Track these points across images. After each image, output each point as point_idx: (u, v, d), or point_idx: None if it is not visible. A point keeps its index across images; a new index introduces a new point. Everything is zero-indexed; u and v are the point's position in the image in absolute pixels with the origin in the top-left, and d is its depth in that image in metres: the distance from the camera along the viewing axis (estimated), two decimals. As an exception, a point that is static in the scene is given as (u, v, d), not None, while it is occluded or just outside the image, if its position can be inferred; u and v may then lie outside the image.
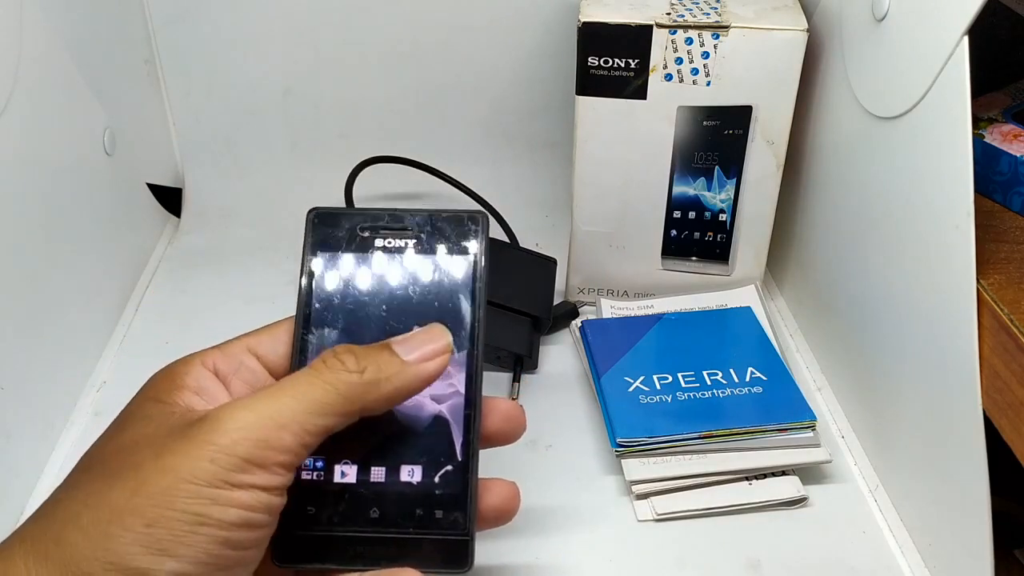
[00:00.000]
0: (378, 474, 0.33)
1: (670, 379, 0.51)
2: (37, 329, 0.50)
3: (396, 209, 0.36)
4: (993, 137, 0.44)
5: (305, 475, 0.33)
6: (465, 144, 0.72)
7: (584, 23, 0.51)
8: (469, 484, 0.33)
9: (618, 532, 0.46)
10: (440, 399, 0.34)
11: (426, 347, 0.33)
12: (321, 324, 0.35)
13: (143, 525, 0.27)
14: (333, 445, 0.32)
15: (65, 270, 0.54)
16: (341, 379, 0.31)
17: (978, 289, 0.37)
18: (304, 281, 0.35)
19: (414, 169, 0.68)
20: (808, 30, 0.51)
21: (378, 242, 0.36)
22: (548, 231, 0.68)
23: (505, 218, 0.65)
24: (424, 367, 0.32)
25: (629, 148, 0.55)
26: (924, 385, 0.43)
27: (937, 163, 0.40)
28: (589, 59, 0.53)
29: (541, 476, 0.49)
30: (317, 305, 0.35)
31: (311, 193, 0.72)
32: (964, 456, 0.39)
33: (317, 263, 0.36)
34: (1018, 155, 0.43)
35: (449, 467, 0.34)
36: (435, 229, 0.36)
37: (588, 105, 0.54)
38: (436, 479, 0.33)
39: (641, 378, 0.51)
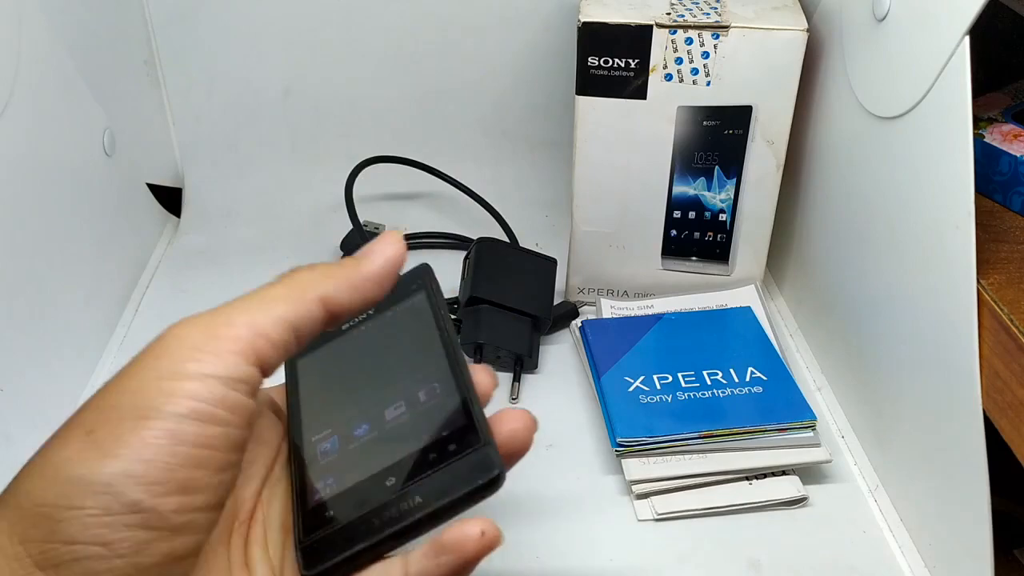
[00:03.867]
0: (385, 455, 0.32)
1: (670, 379, 0.51)
2: (37, 329, 0.50)
3: None
4: (993, 137, 0.45)
5: (318, 496, 0.32)
6: (465, 144, 0.72)
7: (584, 23, 0.52)
8: (473, 408, 0.32)
9: (618, 532, 0.46)
10: (432, 381, 0.34)
11: (380, 243, 0.32)
12: (311, 391, 0.36)
13: (84, 433, 0.26)
14: (341, 462, 0.32)
15: (65, 270, 0.54)
16: (294, 276, 0.30)
17: (978, 289, 0.37)
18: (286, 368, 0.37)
19: (414, 169, 0.68)
20: (808, 30, 0.51)
21: (345, 326, 0.37)
22: (548, 231, 0.68)
23: (505, 218, 0.65)
24: (383, 248, 0.31)
25: (629, 148, 0.55)
26: (924, 385, 0.43)
27: (937, 163, 0.40)
28: (589, 59, 0.53)
29: (541, 476, 0.49)
30: (303, 378, 0.37)
31: (311, 193, 0.72)
32: (964, 456, 0.39)
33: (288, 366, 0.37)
34: (1018, 155, 0.43)
35: (452, 414, 0.32)
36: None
37: (588, 105, 0.54)
38: (441, 429, 0.32)
39: (641, 378, 0.51)
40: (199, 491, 0.27)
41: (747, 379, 0.51)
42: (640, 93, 0.53)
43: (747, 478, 0.48)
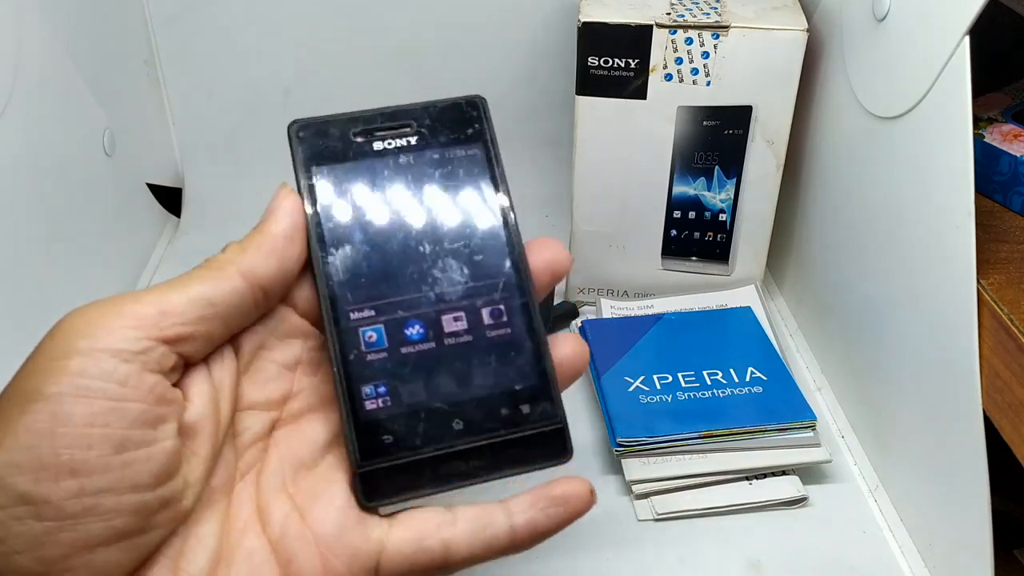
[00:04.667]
0: (448, 384, 0.31)
1: (670, 379, 0.51)
2: (37, 330, 0.50)
3: (387, 107, 0.33)
4: (993, 137, 0.45)
5: (369, 404, 0.30)
6: (465, 144, 0.72)
7: (584, 23, 0.52)
8: (547, 369, 0.31)
9: (618, 532, 0.46)
10: (493, 292, 0.32)
11: (276, 200, 0.31)
12: (342, 242, 0.31)
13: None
14: (392, 367, 0.30)
15: (65, 270, 0.54)
16: (216, 256, 0.30)
17: (978, 289, 0.37)
18: (306, 202, 0.31)
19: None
20: (808, 30, 0.51)
21: (378, 145, 0.32)
22: (548, 231, 0.68)
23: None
24: (280, 203, 0.31)
25: (629, 148, 0.55)
26: (924, 385, 0.43)
27: (937, 163, 0.40)
28: (589, 59, 0.53)
29: (541, 476, 0.49)
30: (330, 224, 0.31)
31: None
32: (964, 456, 0.39)
33: (317, 179, 0.32)
34: (1018, 155, 0.43)
35: (521, 358, 0.31)
36: (435, 121, 0.33)
37: (588, 105, 0.54)
38: (512, 374, 0.31)
39: (641, 378, 0.51)
40: (95, 473, 0.25)
41: (747, 379, 0.51)
42: (640, 93, 0.53)
43: (747, 478, 0.48)
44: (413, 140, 0.32)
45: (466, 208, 0.32)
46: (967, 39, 0.37)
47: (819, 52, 0.53)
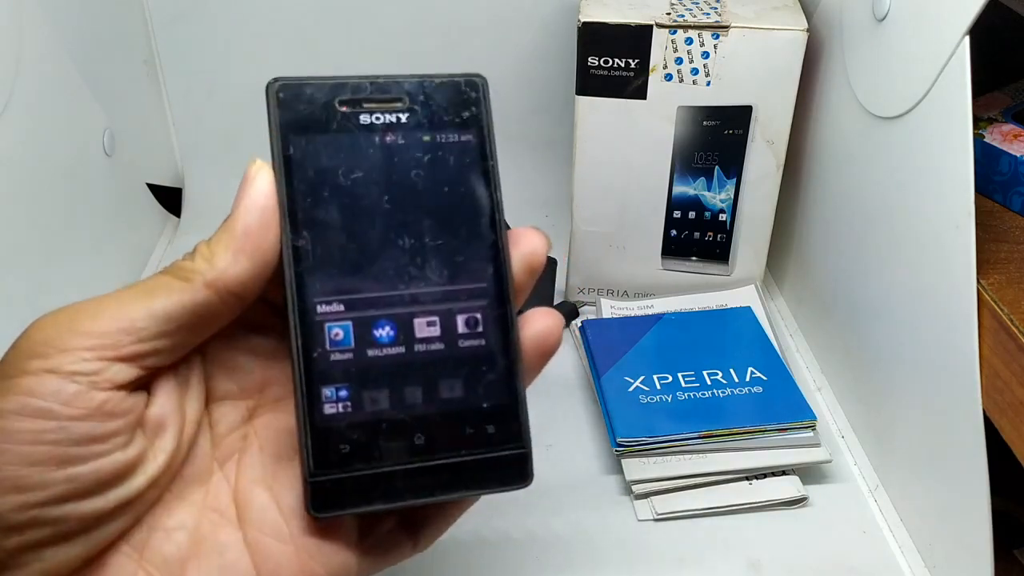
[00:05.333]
0: (414, 395, 0.29)
1: (670, 379, 0.51)
2: (37, 329, 0.50)
3: (379, 76, 0.31)
4: (993, 137, 0.45)
5: (329, 408, 0.28)
6: (465, 144, 0.72)
7: (584, 23, 0.52)
8: (518, 390, 0.30)
9: (618, 532, 0.46)
10: (470, 300, 0.30)
11: (244, 187, 0.30)
12: (314, 225, 0.29)
13: None
14: (357, 371, 0.28)
15: (65, 270, 0.54)
16: (183, 260, 0.29)
17: (978, 289, 0.37)
18: (281, 174, 0.29)
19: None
20: (808, 30, 0.51)
21: (364, 118, 0.30)
22: (548, 231, 0.67)
23: (505, 218, 0.65)
24: (249, 191, 0.29)
25: (629, 148, 0.55)
26: (924, 385, 0.43)
27: (937, 163, 0.40)
28: (589, 59, 0.53)
29: (541, 476, 0.49)
30: (305, 203, 0.29)
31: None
32: (964, 456, 0.39)
33: (294, 151, 0.29)
34: (1018, 155, 0.43)
35: (493, 374, 0.29)
36: (429, 98, 0.30)
37: (588, 105, 0.54)
38: (481, 390, 0.29)
39: (641, 378, 0.51)
40: (38, 488, 0.25)
41: (747, 379, 0.51)
42: (640, 93, 0.53)
43: (747, 478, 0.48)
44: (403, 117, 0.30)
45: (453, 203, 0.30)
46: (967, 39, 0.37)
47: (819, 52, 0.53)
